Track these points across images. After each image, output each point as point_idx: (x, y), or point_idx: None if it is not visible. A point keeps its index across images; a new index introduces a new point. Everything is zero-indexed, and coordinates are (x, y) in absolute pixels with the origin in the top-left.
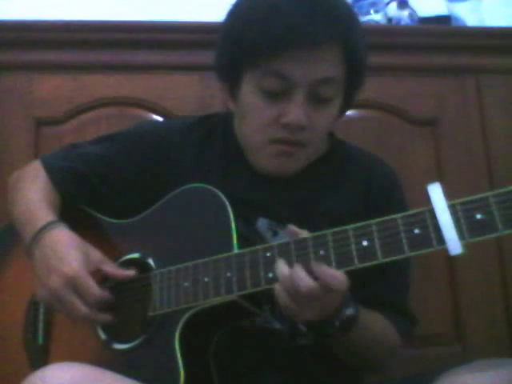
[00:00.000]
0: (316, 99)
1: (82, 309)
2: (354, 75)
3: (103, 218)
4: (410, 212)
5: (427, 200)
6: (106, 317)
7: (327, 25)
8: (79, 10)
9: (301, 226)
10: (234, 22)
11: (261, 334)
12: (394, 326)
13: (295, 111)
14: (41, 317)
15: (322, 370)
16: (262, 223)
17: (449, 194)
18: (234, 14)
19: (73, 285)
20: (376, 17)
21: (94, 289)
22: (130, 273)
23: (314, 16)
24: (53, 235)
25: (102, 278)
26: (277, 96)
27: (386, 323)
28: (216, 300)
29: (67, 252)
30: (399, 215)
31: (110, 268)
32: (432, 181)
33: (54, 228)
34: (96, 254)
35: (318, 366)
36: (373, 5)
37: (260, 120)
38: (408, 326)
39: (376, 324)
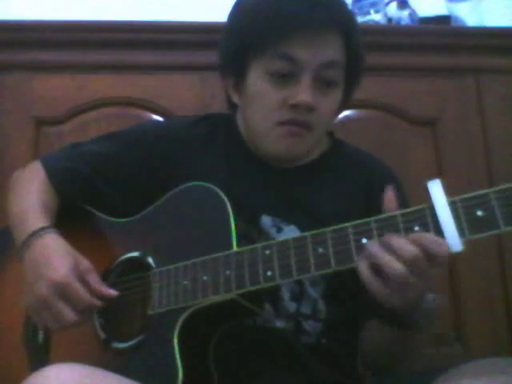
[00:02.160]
0: (322, 83)
1: (70, 316)
2: (353, 64)
3: (103, 216)
4: (410, 209)
5: (427, 198)
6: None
7: (328, 12)
8: (79, 10)
9: (304, 223)
10: (242, 14)
11: (261, 334)
12: None
13: (303, 92)
14: None
15: (323, 370)
16: (265, 220)
17: (449, 194)
18: (239, 9)
19: (61, 291)
20: (376, 17)
21: (84, 295)
22: (113, 292)
23: (316, 4)
24: (43, 241)
25: (101, 277)
26: (285, 79)
27: None
28: (215, 298)
29: (55, 258)
30: (398, 212)
31: (95, 282)
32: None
33: (45, 234)
34: (85, 263)
35: (319, 365)
36: (373, 5)
37: (268, 103)
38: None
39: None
